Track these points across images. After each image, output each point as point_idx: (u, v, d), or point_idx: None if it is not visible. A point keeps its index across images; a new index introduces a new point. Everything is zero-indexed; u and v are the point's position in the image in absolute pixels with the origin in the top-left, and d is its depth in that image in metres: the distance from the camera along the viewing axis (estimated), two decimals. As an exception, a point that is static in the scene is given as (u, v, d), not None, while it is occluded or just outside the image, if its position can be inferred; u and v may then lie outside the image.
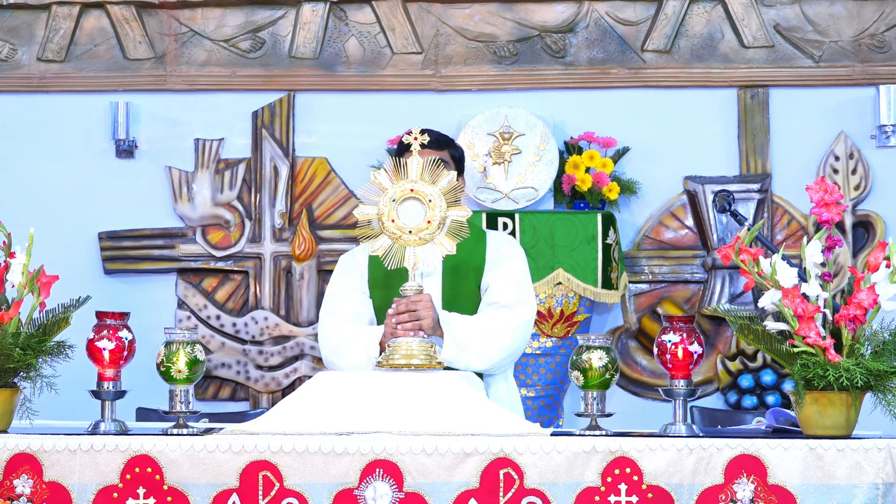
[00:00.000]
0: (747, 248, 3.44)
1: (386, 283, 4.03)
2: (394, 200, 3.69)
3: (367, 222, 3.74)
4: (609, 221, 6.03)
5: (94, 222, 6.33)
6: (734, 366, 6.28)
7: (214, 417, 4.10)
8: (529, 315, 4.12)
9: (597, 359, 3.46)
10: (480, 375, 3.99)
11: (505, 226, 5.98)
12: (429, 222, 3.68)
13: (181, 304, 6.35)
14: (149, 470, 3.33)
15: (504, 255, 4.14)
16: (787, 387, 5.62)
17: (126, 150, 6.34)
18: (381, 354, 3.82)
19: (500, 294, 4.07)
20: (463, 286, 4.07)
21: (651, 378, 6.28)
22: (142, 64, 6.42)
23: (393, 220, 3.68)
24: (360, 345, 3.95)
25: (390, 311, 3.81)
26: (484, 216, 5.97)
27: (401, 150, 3.99)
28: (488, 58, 6.41)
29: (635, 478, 3.30)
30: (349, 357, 3.97)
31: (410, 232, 3.68)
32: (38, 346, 3.52)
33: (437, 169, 3.72)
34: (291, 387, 6.23)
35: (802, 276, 3.43)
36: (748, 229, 3.52)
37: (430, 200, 3.69)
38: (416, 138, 3.76)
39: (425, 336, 3.74)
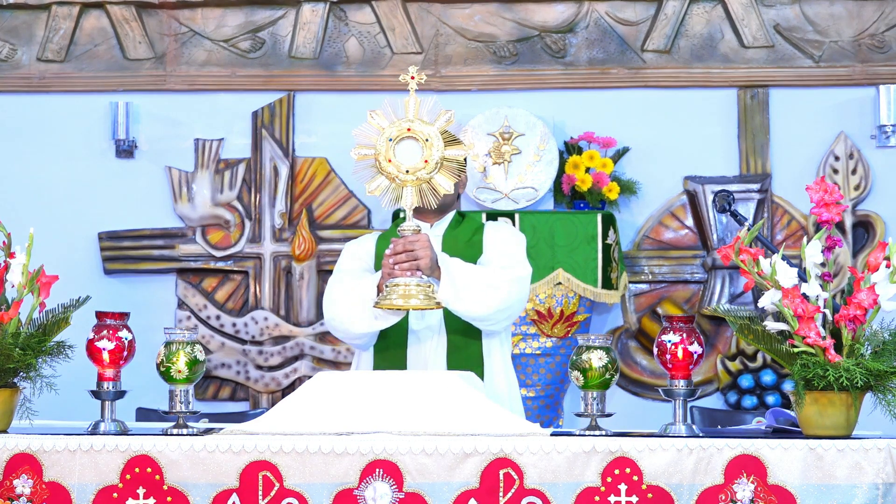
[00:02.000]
0: (747, 248, 3.44)
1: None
2: (391, 140, 3.66)
3: (364, 163, 3.69)
4: (609, 221, 6.03)
5: (94, 222, 6.33)
6: (734, 366, 6.28)
7: (214, 417, 4.10)
8: (525, 273, 4.08)
9: (597, 359, 3.46)
10: (480, 365, 3.99)
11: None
12: (426, 161, 3.65)
13: (181, 304, 6.35)
14: (149, 470, 3.33)
15: (500, 237, 4.14)
16: (787, 387, 5.61)
17: (126, 150, 6.34)
18: (378, 295, 3.80)
19: (495, 258, 4.05)
20: None
21: (651, 378, 6.28)
22: (142, 64, 6.42)
23: (390, 160, 3.64)
24: (356, 291, 3.92)
25: (387, 251, 3.78)
26: (484, 216, 5.97)
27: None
28: (488, 58, 6.42)
29: (635, 478, 3.30)
30: (346, 304, 3.93)
31: (408, 171, 3.65)
32: (38, 346, 3.52)
33: (433, 108, 3.70)
34: (291, 387, 6.23)
35: (802, 276, 3.43)
36: (748, 229, 3.52)
37: (426, 140, 3.66)
38: (412, 77, 3.74)
39: (423, 276, 3.72)
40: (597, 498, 3.29)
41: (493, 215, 6.00)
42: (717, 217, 6.29)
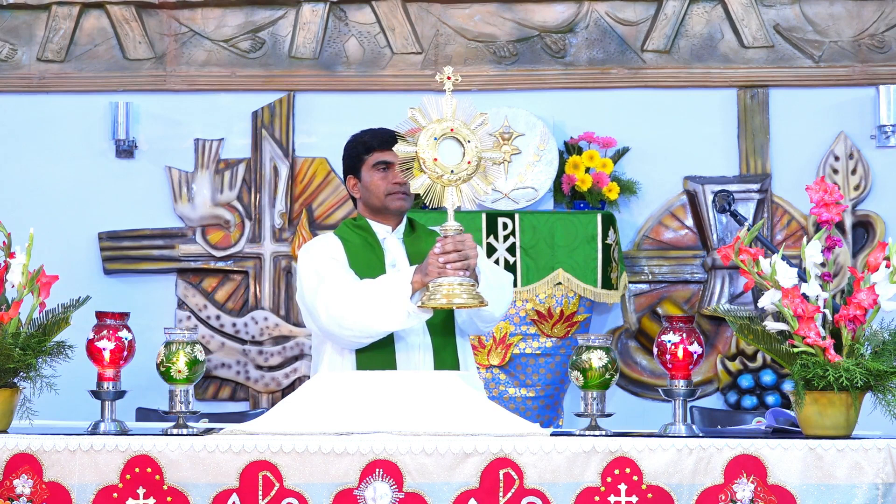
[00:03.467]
0: (747, 249, 3.44)
1: (365, 263, 4.01)
2: (435, 139, 3.68)
3: (406, 159, 3.69)
4: (609, 221, 6.03)
5: (94, 222, 6.33)
6: (734, 366, 6.28)
7: (214, 417, 4.09)
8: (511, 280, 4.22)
9: (597, 359, 3.46)
10: (457, 365, 4.00)
11: (505, 226, 5.98)
12: (469, 162, 3.68)
13: (181, 304, 6.35)
14: (149, 470, 3.33)
15: None
16: (787, 387, 5.62)
17: (126, 150, 6.34)
18: (412, 297, 3.78)
19: (484, 267, 4.05)
20: None
21: (651, 378, 6.28)
22: (142, 64, 6.42)
23: (435, 159, 3.67)
24: (383, 290, 3.84)
25: (436, 250, 3.74)
26: (484, 216, 5.97)
27: (367, 150, 4.07)
28: (488, 58, 6.42)
29: (635, 478, 3.30)
30: (370, 303, 3.84)
31: (452, 172, 3.67)
32: (38, 346, 3.52)
33: (469, 109, 3.73)
34: (291, 387, 6.23)
35: (802, 277, 3.43)
36: (748, 229, 3.52)
37: (468, 141, 3.69)
38: (448, 77, 3.75)
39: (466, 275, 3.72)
40: (597, 498, 3.29)
41: (493, 216, 6.00)
42: (717, 217, 6.29)
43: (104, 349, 3.51)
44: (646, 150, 6.36)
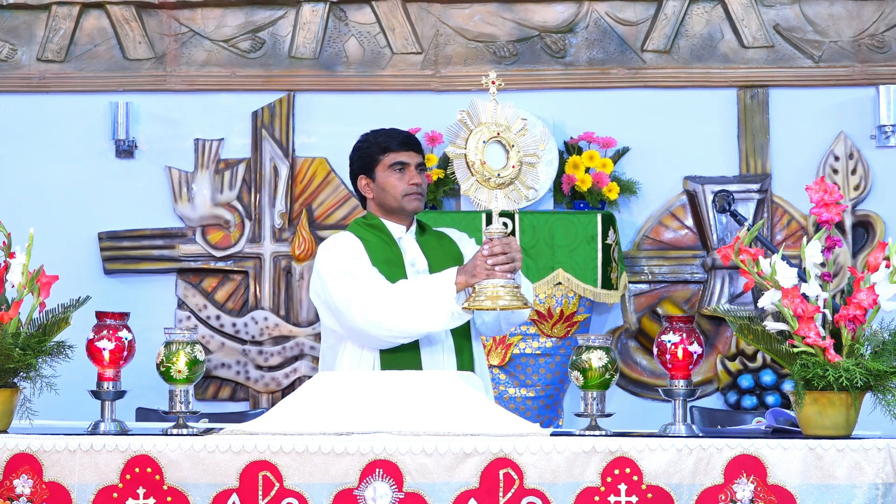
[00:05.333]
0: (747, 249, 3.44)
1: (385, 262, 4.01)
2: (484, 142, 3.70)
3: (456, 160, 3.72)
4: (609, 221, 6.03)
5: (94, 222, 6.33)
6: (734, 366, 6.28)
7: (214, 417, 4.09)
8: None
9: (596, 359, 3.47)
10: (473, 365, 4.00)
11: (505, 225, 5.97)
12: (514, 167, 3.72)
13: (181, 305, 6.35)
14: (149, 470, 3.33)
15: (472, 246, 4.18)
16: (787, 387, 5.62)
17: (126, 150, 6.34)
18: (455, 298, 3.79)
19: None
20: None
21: (651, 378, 6.28)
22: (142, 64, 6.42)
23: (484, 163, 3.69)
24: (425, 290, 3.85)
25: (484, 252, 3.76)
26: (484, 216, 5.97)
27: (371, 156, 4.07)
28: (488, 58, 6.42)
29: (635, 478, 3.30)
30: (410, 304, 3.83)
31: (499, 175, 3.70)
32: (38, 346, 3.52)
33: (511, 114, 3.75)
34: (291, 387, 6.23)
35: (802, 277, 3.43)
36: (748, 229, 3.52)
37: (512, 145, 3.72)
38: (493, 82, 3.77)
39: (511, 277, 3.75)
40: (596, 498, 3.29)
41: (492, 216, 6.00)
42: (717, 217, 6.29)
43: (104, 349, 3.51)
44: (646, 150, 6.35)
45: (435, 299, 3.82)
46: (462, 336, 4.03)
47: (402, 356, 3.95)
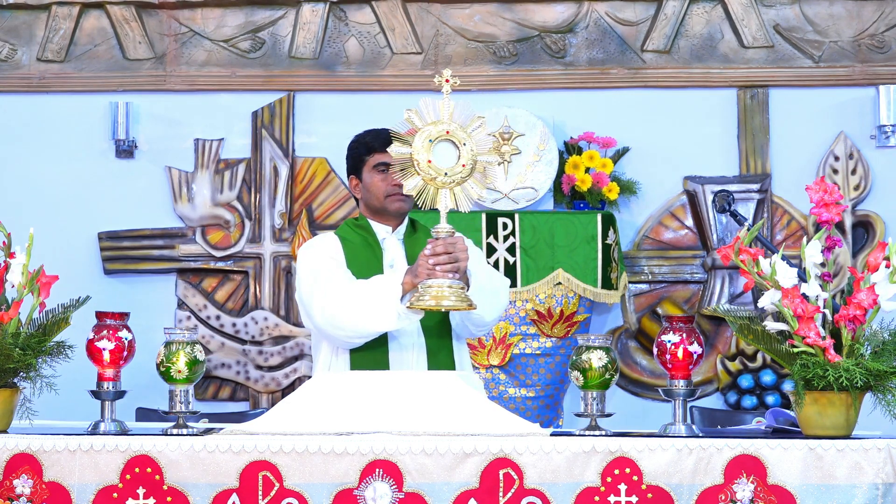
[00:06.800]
0: (747, 249, 3.44)
1: (364, 263, 4.02)
2: (430, 141, 3.68)
3: (400, 160, 3.70)
4: (609, 221, 6.03)
5: (94, 222, 6.33)
6: (734, 366, 6.28)
7: (214, 417, 4.09)
8: (508, 284, 4.23)
9: (596, 359, 3.47)
10: (452, 367, 4.00)
11: (505, 226, 5.98)
12: (463, 165, 3.69)
13: (181, 305, 6.35)
14: (149, 470, 3.33)
15: (473, 252, 4.15)
16: (787, 387, 5.62)
17: (126, 150, 6.34)
18: (402, 298, 3.79)
19: (479, 271, 4.04)
20: None
21: (651, 378, 6.28)
22: (142, 64, 6.42)
23: (429, 161, 3.67)
24: (373, 290, 3.86)
25: (426, 251, 3.76)
26: (484, 216, 5.98)
27: (368, 150, 4.08)
28: (488, 58, 6.42)
29: (635, 478, 3.30)
30: (361, 303, 3.85)
31: (446, 174, 3.68)
32: (38, 346, 3.52)
33: (467, 112, 3.73)
34: (291, 387, 6.23)
35: (802, 277, 3.43)
36: (748, 229, 3.52)
37: (464, 144, 3.70)
38: (447, 80, 3.76)
39: (456, 278, 3.73)
40: (596, 498, 3.29)
41: (492, 216, 6.00)
42: (717, 217, 6.29)
43: (104, 349, 3.51)
44: (646, 150, 6.36)
45: (381, 299, 3.84)
46: (438, 336, 4.02)
47: (370, 355, 3.96)
